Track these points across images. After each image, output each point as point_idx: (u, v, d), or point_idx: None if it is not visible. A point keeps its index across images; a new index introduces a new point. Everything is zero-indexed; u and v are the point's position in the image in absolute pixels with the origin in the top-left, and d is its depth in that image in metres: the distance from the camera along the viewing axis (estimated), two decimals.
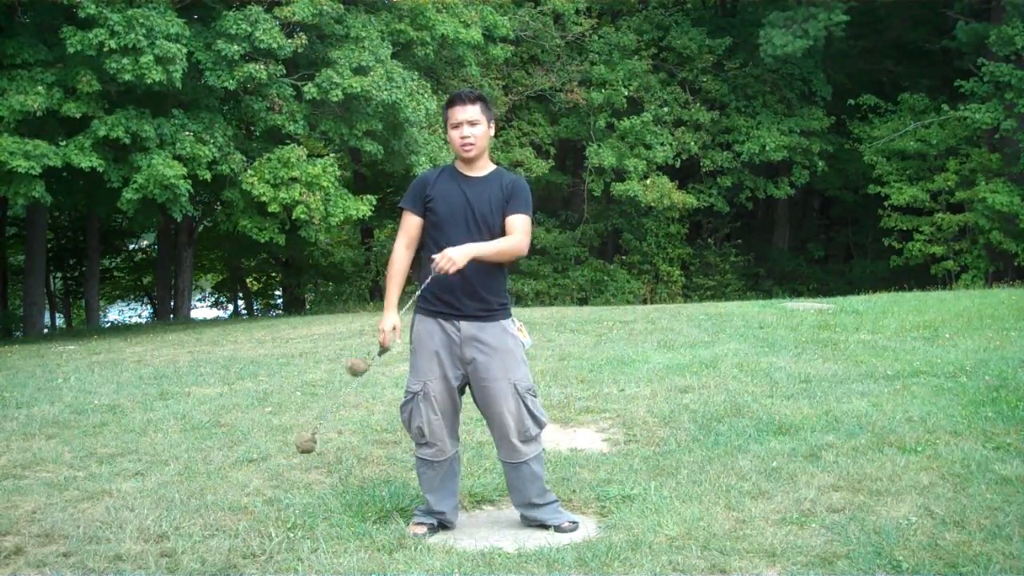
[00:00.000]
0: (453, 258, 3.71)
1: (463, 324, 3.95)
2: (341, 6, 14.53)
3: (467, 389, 4.08)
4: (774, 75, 21.91)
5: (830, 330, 9.06)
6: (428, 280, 3.88)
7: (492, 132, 4.05)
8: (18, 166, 11.82)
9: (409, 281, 4.17)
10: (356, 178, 20.47)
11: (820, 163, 21.97)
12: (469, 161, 4.00)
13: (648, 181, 20.44)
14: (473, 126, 3.95)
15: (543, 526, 4.05)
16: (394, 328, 3.94)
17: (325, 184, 14.20)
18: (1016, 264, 19.84)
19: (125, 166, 13.20)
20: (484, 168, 4.04)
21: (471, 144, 3.95)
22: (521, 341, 4.03)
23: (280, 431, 5.77)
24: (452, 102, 3.99)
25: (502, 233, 3.95)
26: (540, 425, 4.04)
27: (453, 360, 3.97)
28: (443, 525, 4.09)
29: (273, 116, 14.26)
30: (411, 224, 4.02)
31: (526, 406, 3.97)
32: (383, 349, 3.98)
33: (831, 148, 22.37)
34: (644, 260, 22.39)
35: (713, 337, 8.91)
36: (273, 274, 27.13)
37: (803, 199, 26.29)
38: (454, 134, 3.97)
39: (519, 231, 3.93)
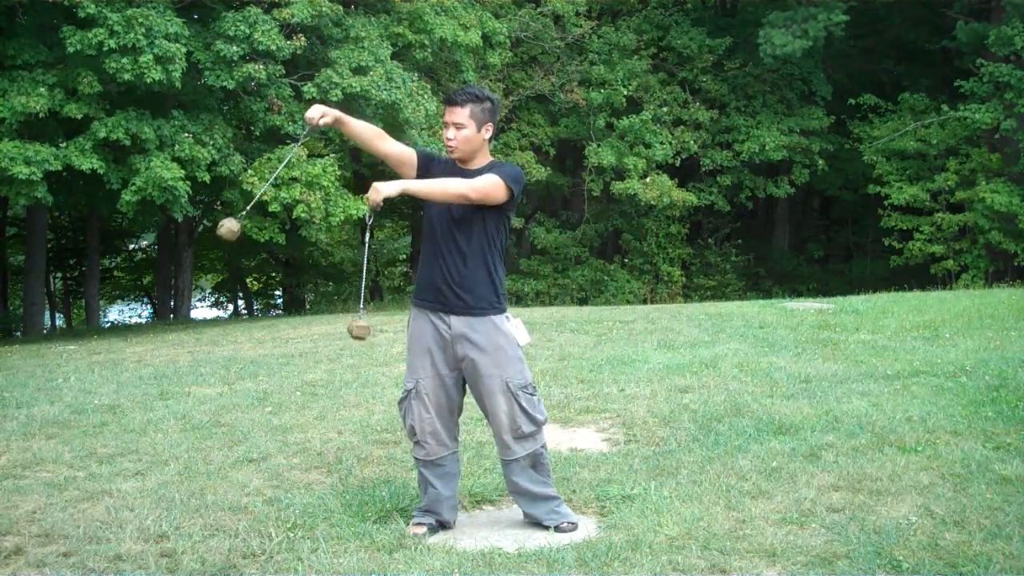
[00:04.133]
0: (378, 187, 3.73)
1: (453, 320, 3.95)
2: (340, 8, 14.53)
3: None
4: (774, 75, 21.89)
5: (830, 330, 9.06)
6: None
7: (488, 134, 4.02)
8: (19, 172, 11.82)
9: (407, 282, 4.20)
10: (356, 178, 20.46)
11: (820, 161, 21.96)
12: (459, 160, 4.04)
13: (648, 179, 20.41)
14: (458, 129, 3.96)
15: (543, 525, 4.05)
16: (323, 114, 3.95)
17: (325, 184, 14.21)
18: (1016, 264, 19.84)
19: (124, 168, 13.20)
20: (479, 163, 4.04)
21: (453, 147, 4.00)
22: (514, 338, 3.98)
23: (280, 431, 5.76)
24: (446, 100, 4.10)
25: (484, 227, 3.94)
26: (535, 423, 3.98)
27: (446, 357, 3.98)
28: (442, 525, 4.08)
29: (272, 117, 14.27)
30: (405, 150, 4.12)
31: (518, 403, 3.94)
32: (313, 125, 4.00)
33: (831, 148, 22.37)
34: (644, 260, 22.37)
35: (713, 337, 8.91)
36: (273, 274, 27.11)
37: (803, 199, 26.28)
38: (444, 132, 4.04)
39: (473, 180, 3.90)
